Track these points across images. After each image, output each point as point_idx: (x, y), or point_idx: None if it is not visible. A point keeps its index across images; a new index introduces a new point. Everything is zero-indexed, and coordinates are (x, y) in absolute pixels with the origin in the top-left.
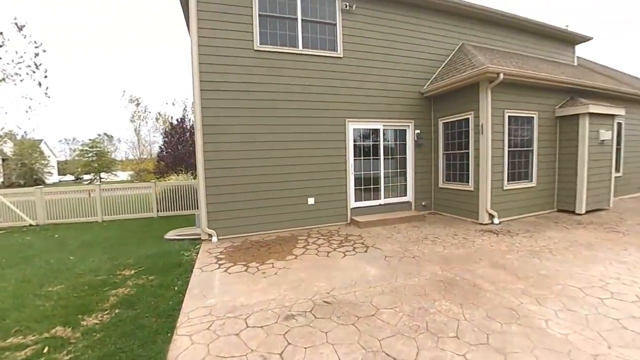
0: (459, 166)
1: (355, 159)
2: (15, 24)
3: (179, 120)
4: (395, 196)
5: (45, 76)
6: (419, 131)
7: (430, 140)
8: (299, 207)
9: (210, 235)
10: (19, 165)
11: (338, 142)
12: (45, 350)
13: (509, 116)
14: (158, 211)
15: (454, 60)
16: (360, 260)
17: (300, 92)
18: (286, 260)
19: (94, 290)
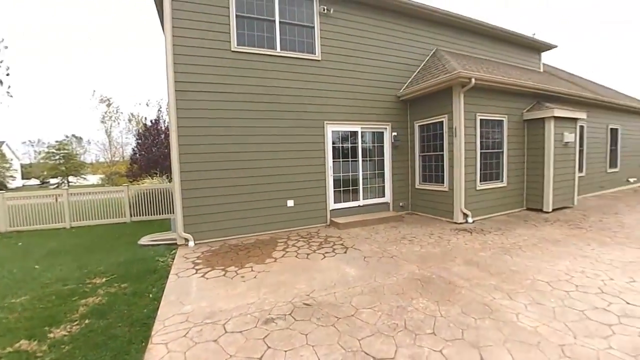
0: (434, 167)
1: (334, 161)
2: None
3: (154, 121)
4: (374, 197)
5: (7, 74)
6: (396, 133)
7: (406, 142)
8: (278, 210)
9: (186, 240)
10: None
11: (317, 144)
12: None
13: (481, 119)
14: (131, 216)
15: (429, 65)
16: (340, 261)
17: (278, 94)
18: (265, 264)
19: (62, 300)
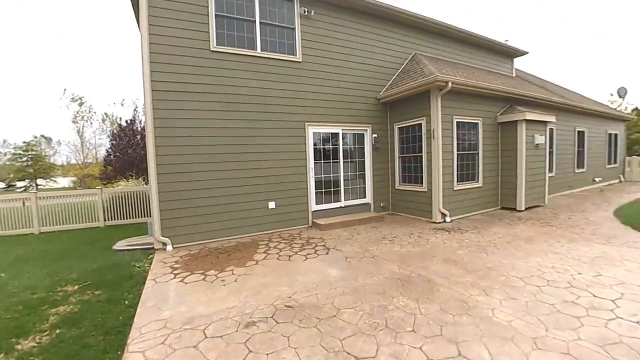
0: (413, 169)
1: (315, 163)
2: None
3: (129, 121)
4: (355, 198)
5: None
6: (376, 135)
7: (387, 144)
8: (259, 212)
9: (164, 244)
10: None
11: (298, 146)
12: None
13: (457, 122)
14: (105, 220)
15: (408, 69)
16: (321, 262)
17: (259, 95)
18: (247, 267)
19: (31, 310)
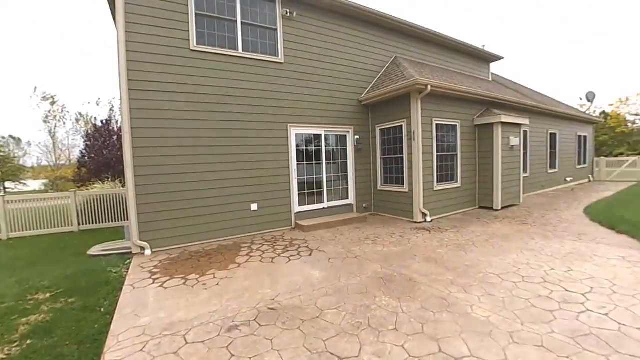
0: (395, 170)
1: (298, 164)
2: None
3: (105, 121)
4: (338, 199)
5: None
6: (358, 137)
7: (368, 145)
8: (241, 214)
9: (142, 249)
10: None
11: (281, 147)
12: None
13: (437, 124)
14: (79, 224)
15: (389, 72)
16: (305, 264)
17: (240, 96)
18: (229, 270)
19: None
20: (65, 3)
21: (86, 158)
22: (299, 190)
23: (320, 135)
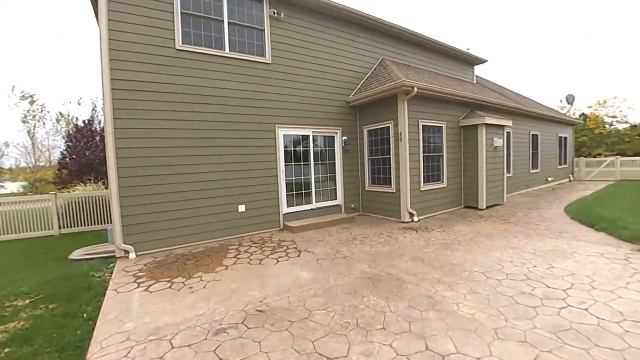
0: (382, 170)
1: (286, 165)
2: None
3: (87, 121)
4: (326, 200)
5: None
6: (346, 138)
7: (356, 146)
8: (229, 215)
9: (126, 252)
10: None
11: (268, 148)
12: None
13: (423, 125)
14: (60, 228)
15: (376, 73)
16: (293, 265)
17: (227, 96)
18: (216, 272)
19: None
20: (44, 2)
21: (67, 159)
22: (287, 191)
23: (308, 136)
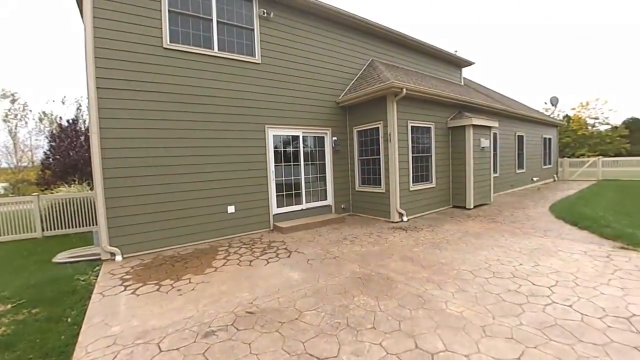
0: (372, 170)
1: (276, 165)
2: None
3: (71, 121)
4: (317, 200)
5: None
6: (336, 138)
7: (346, 146)
8: (218, 217)
9: (112, 254)
10: None
11: (258, 148)
12: None
13: (412, 126)
14: (44, 230)
15: (365, 75)
16: (283, 266)
17: (216, 96)
18: (205, 274)
19: None
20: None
21: (51, 160)
22: (277, 192)
23: (298, 136)
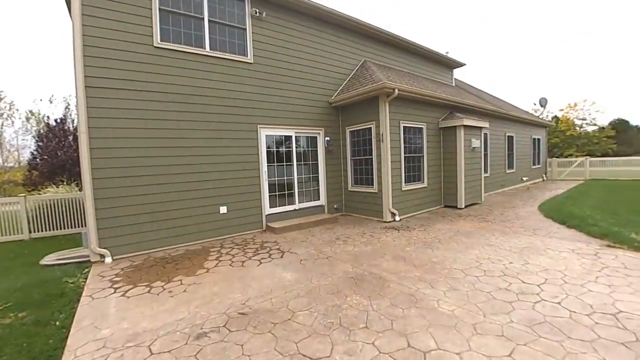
0: (364, 170)
1: (269, 165)
2: None
3: (59, 120)
4: (309, 200)
5: None
6: (328, 138)
7: (339, 147)
8: (210, 217)
9: (102, 256)
10: None
11: (250, 149)
12: None
13: (404, 126)
14: (31, 232)
15: (358, 75)
16: (276, 266)
17: (208, 96)
18: (197, 275)
19: None
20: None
21: (38, 160)
22: (269, 192)
23: (291, 136)
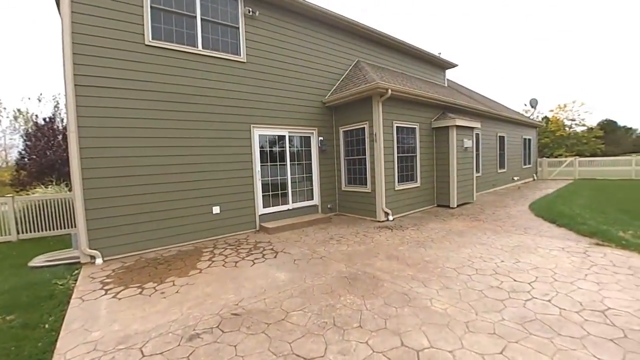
0: (358, 170)
1: (262, 165)
2: None
3: (48, 119)
4: (303, 200)
5: None
6: (322, 138)
7: (332, 146)
8: (202, 217)
9: (92, 257)
10: None
11: (243, 148)
12: None
13: (397, 126)
14: (19, 233)
15: (351, 75)
16: (270, 266)
17: (200, 95)
18: (189, 276)
19: None
20: None
21: (26, 159)
22: (263, 192)
23: (285, 136)
